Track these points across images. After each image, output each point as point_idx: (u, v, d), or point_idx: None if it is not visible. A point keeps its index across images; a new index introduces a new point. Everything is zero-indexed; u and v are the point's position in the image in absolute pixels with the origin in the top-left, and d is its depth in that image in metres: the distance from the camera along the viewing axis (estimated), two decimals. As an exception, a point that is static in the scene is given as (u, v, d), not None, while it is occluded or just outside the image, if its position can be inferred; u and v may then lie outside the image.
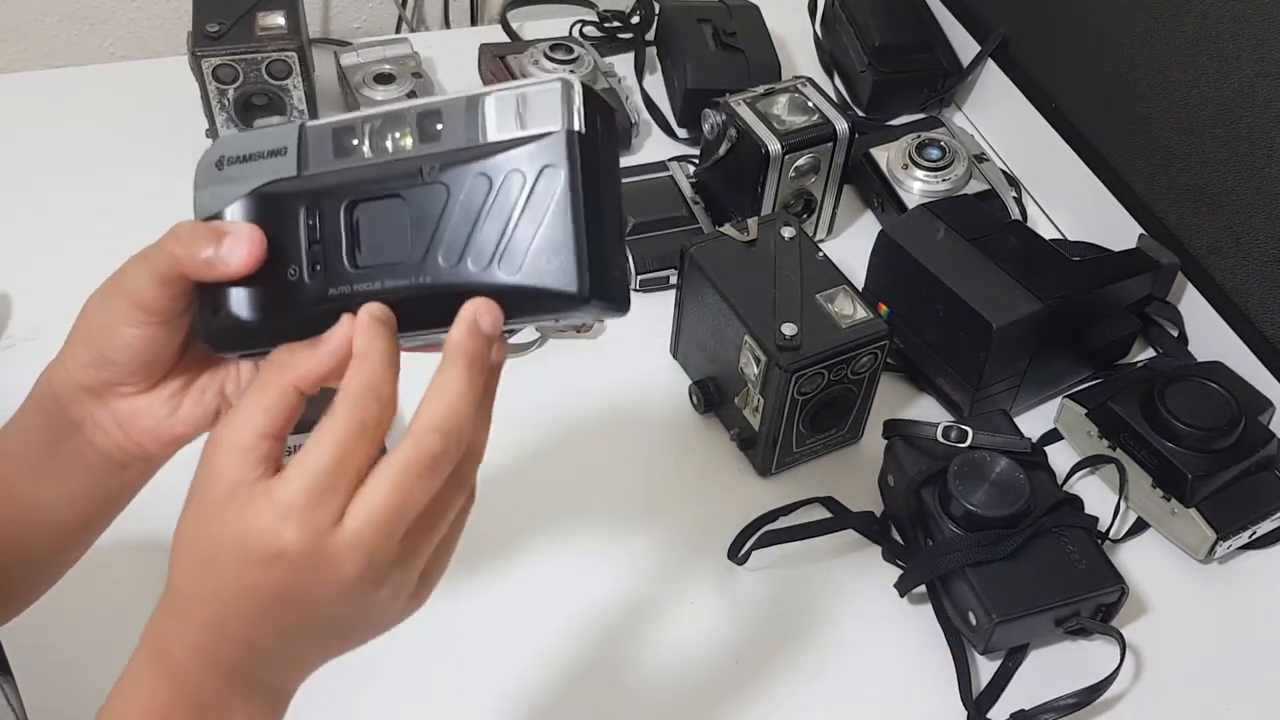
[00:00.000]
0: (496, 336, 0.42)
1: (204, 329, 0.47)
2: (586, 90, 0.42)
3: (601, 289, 0.42)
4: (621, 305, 0.43)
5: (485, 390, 0.43)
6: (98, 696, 0.46)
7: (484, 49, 1.15)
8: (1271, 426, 0.86)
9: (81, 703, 0.69)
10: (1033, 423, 0.90)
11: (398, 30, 1.33)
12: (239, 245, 0.44)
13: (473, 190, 0.42)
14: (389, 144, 0.44)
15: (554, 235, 0.41)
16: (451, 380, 0.41)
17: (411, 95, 1.08)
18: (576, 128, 0.41)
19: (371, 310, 0.42)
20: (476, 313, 0.41)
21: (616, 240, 0.43)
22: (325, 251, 0.45)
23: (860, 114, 1.17)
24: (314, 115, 1.03)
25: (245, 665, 0.44)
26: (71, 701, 0.69)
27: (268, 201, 0.45)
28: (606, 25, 1.23)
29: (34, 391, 0.52)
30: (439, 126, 0.44)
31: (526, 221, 0.42)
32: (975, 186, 1.03)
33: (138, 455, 0.51)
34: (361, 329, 0.42)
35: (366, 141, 0.44)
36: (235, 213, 0.46)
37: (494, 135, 0.43)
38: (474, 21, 1.34)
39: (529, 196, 0.42)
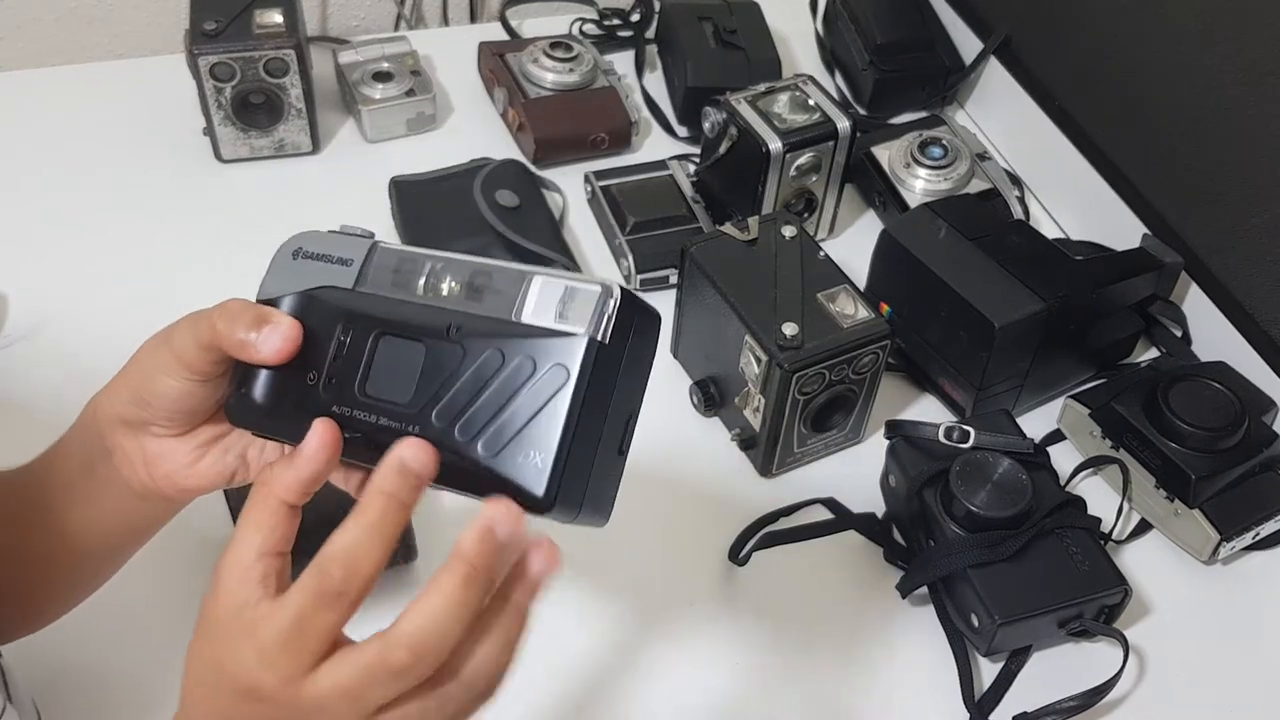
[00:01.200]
0: (512, 550, 0.41)
1: (227, 398, 0.50)
2: (627, 299, 0.43)
3: (569, 499, 0.43)
4: (597, 517, 0.45)
5: (503, 611, 0.42)
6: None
7: (483, 47, 1.15)
8: (1275, 427, 0.85)
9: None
10: (1035, 423, 0.90)
11: (396, 28, 1.32)
12: (275, 336, 0.47)
13: (486, 362, 0.44)
14: (440, 288, 0.46)
15: (540, 433, 0.42)
16: (442, 589, 0.40)
17: (410, 94, 1.07)
18: (599, 337, 0.43)
19: (378, 483, 0.42)
20: (493, 521, 0.41)
21: (613, 454, 0.45)
22: (343, 369, 0.47)
23: (862, 112, 1.16)
24: (311, 115, 1.03)
25: None
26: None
27: (316, 304, 0.48)
28: (606, 23, 1.22)
29: (82, 413, 0.55)
30: (486, 289, 0.45)
31: (522, 410, 0.43)
32: (977, 185, 1.03)
33: (155, 494, 0.53)
34: (364, 498, 0.42)
35: (422, 280, 0.47)
36: (288, 305, 0.49)
37: (526, 317, 0.44)
38: (473, 19, 1.34)
39: (533, 387, 0.43)
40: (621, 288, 0.43)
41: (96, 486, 0.54)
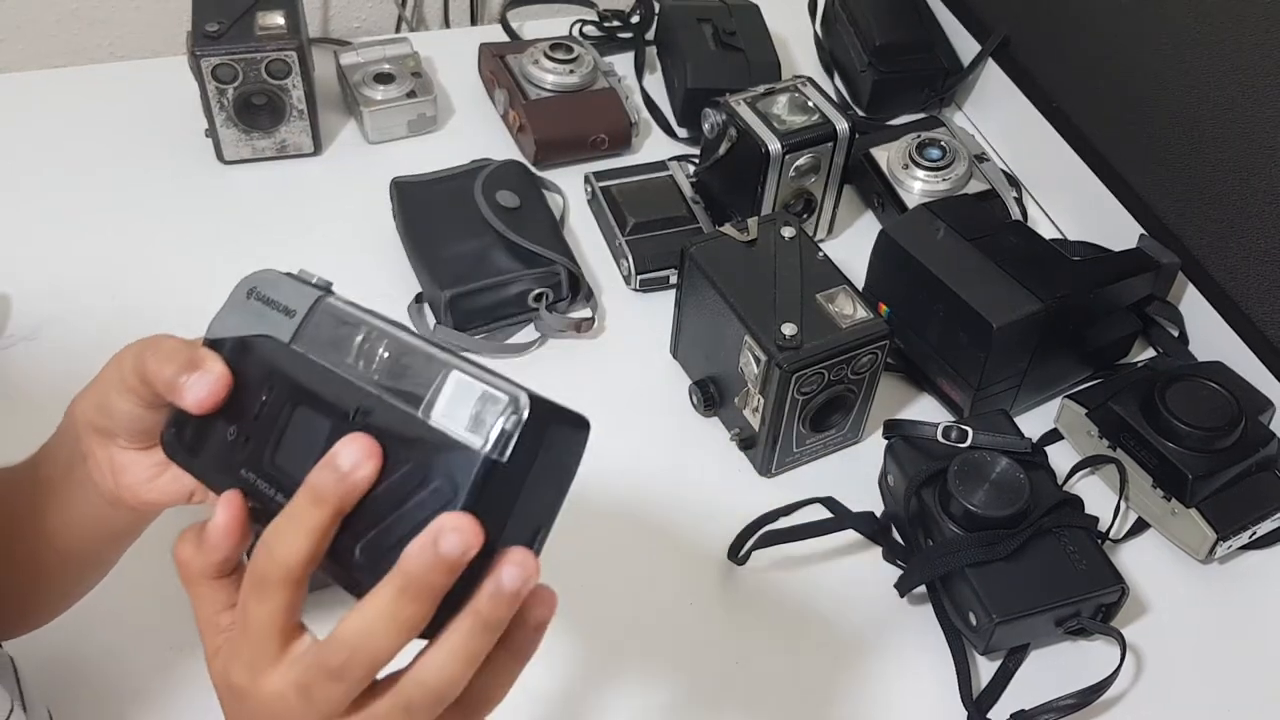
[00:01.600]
0: (457, 565, 0.38)
1: (163, 429, 0.50)
2: (539, 413, 0.39)
3: (435, 624, 0.40)
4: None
5: (461, 624, 0.40)
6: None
7: (484, 49, 1.15)
8: (1272, 426, 0.86)
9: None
10: (1033, 423, 0.90)
11: (397, 30, 1.32)
12: (201, 385, 0.46)
13: (388, 453, 0.41)
14: (372, 358, 0.43)
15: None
16: (376, 597, 0.39)
17: (411, 95, 1.08)
18: (496, 455, 0.39)
19: (311, 476, 0.41)
20: (439, 532, 0.38)
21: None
22: (258, 431, 0.45)
23: (860, 114, 1.17)
24: (313, 116, 1.04)
25: None
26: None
27: (252, 354, 0.47)
28: (606, 25, 1.23)
29: (65, 414, 0.55)
30: (406, 373, 0.42)
31: (402, 523, 0.40)
32: (975, 186, 1.03)
33: (120, 502, 0.54)
34: (300, 492, 0.41)
35: (354, 346, 0.44)
36: (227, 348, 0.48)
37: (434, 418, 0.40)
38: (474, 21, 1.34)
39: (418, 500, 0.40)
40: (533, 398, 0.39)
41: (74, 489, 0.55)
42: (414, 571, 0.38)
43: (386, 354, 0.43)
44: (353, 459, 0.40)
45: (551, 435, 0.40)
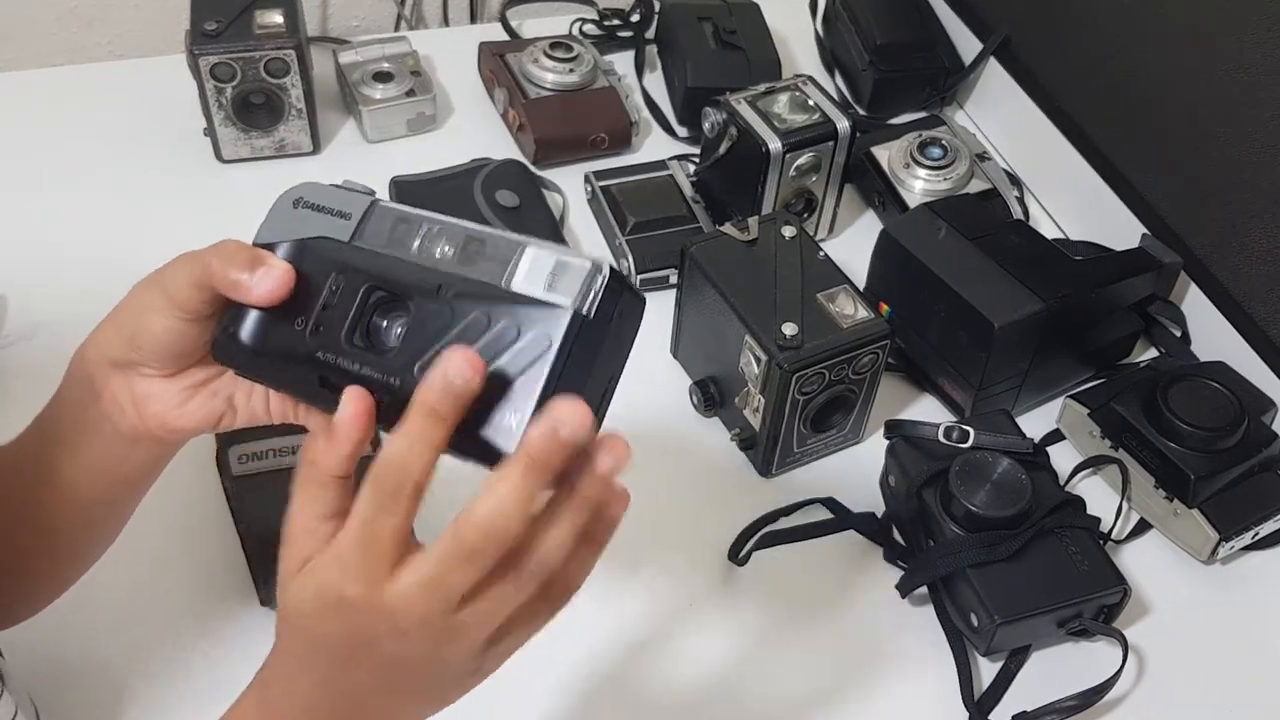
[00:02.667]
0: (575, 447, 0.43)
1: (214, 336, 0.51)
2: (615, 278, 0.44)
3: None
4: None
5: (569, 502, 0.44)
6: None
7: (483, 47, 1.15)
8: (1274, 427, 0.85)
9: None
10: (1035, 423, 0.90)
11: (396, 28, 1.32)
12: (268, 279, 0.48)
13: (473, 323, 0.45)
14: (434, 250, 0.47)
15: (518, 396, 0.43)
16: (505, 478, 0.42)
17: (410, 94, 1.07)
18: (584, 311, 0.44)
19: (422, 396, 0.43)
20: (559, 419, 0.42)
21: None
22: (331, 318, 0.48)
23: (861, 113, 1.16)
24: (312, 115, 1.03)
25: (325, 708, 0.47)
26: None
27: (311, 253, 0.49)
28: (606, 23, 1.23)
29: (69, 367, 0.56)
30: (479, 255, 0.46)
31: (502, 372, 0.44)
32: (977, 185, 1.03)
33: (145, 435, 0.54)
34: (408, 412, 0.43)
35: (417, 241, 0.47)
36: (283, 251, 0.50)
37: (516, 285, 0.45)
38: (473, 19, 1.34)
39: (515, 352, 0.44)
40: (611, 267, 0.44)
41: (88, 436, 0.55)
42: (539, 454, 0.42)
43: (450, 246, 0.47)
44: (462, 374, 0.42)
45: (622, 302, 0.45)
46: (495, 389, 0.43)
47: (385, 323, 0.48)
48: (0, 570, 0.58)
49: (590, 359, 0.45)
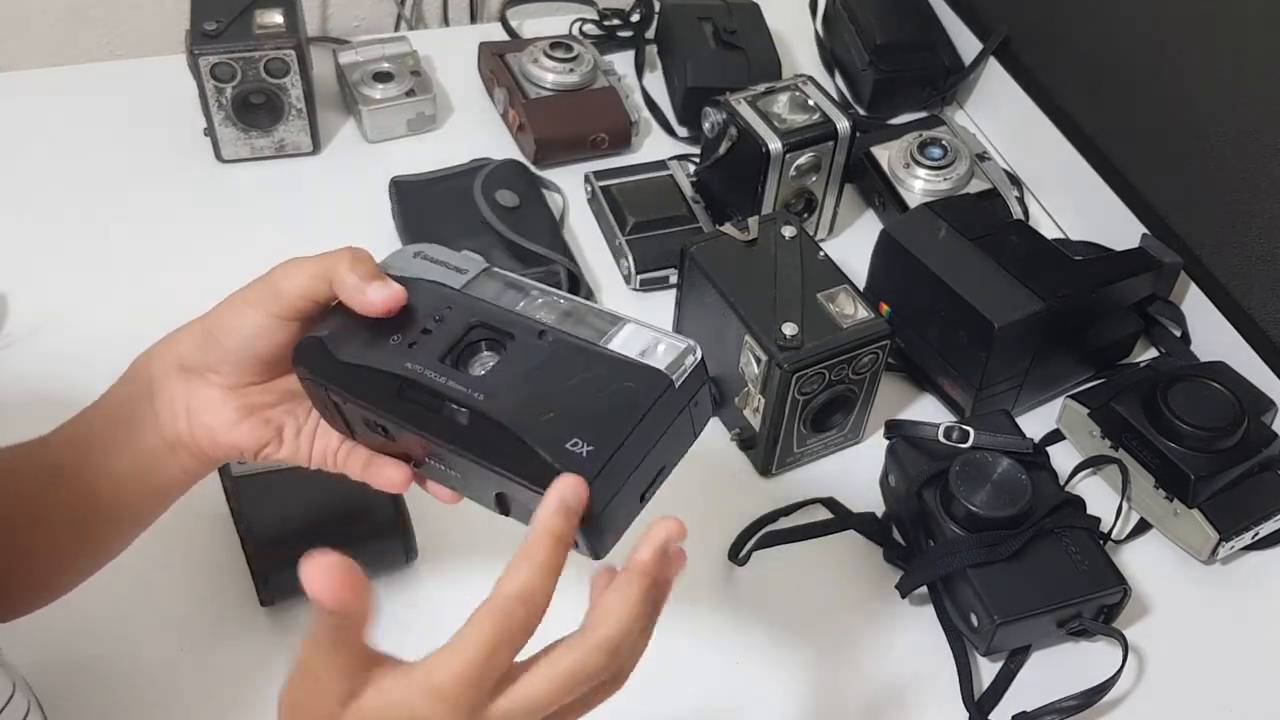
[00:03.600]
0: (673, 559, 0.46)
1: (301, 338, 0.53)
2: (703, 366, 0.48)
3: (599, 500, 0.45)
4: (598, 542, 0.48)
5: (650, 598, 0.46)
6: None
7: (483, 47, 1.15)
8: (1274, 427, 0.85)
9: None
10: (1035, 423, 0.90)
11: (396, 28, 1.32)
12: (385, 290, 0.51)
13: (568, 362, 0.48)
14: (538, 312, 0.51)
15: (598, 431, 0.45)
16: (630, 599, 0.44)
17: (410, 94, 1.07)
18: (674, 379, 0.47)
19: (546, 523, 0.44)
20: (668, 537, 0.45)
21: (637, 493, 0.48)
22: (430, 340, 0.51)
23: (861, 112, 1.16)
24: (312, 115, 1.03)
25: None
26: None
27: (424, 290, 0.53)
28: (606, 23, 1.23)
29: (131, 367, 0.57)
30: (581, 321, 0.50)
31: (588, 410, 0.46)
32: (977, 185, 1.03)
33: (188, 446, 0.56)
34: (533, 538, 0.44)
35: (523, 301, 0.51)
36: (400, 279, 0.53)
37: (614, 346, 0.48)
38: (473, 19, 1.34)
39: (604, 394, 0.46)
40: (702, 359, 0.47)
41: (130, 438, 0.56)
42: (655, 573, 0.45)
43: (555, 311, 0.50)
44: (577, 493, 0.44)
45: (701, 394, 0.48)
46: (578, 420, 0.46)
47: (480, 356, 0.50)
48: (9, 564, 0.58)
49: (662, 430, 0.47)
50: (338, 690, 0.43)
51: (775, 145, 0.93)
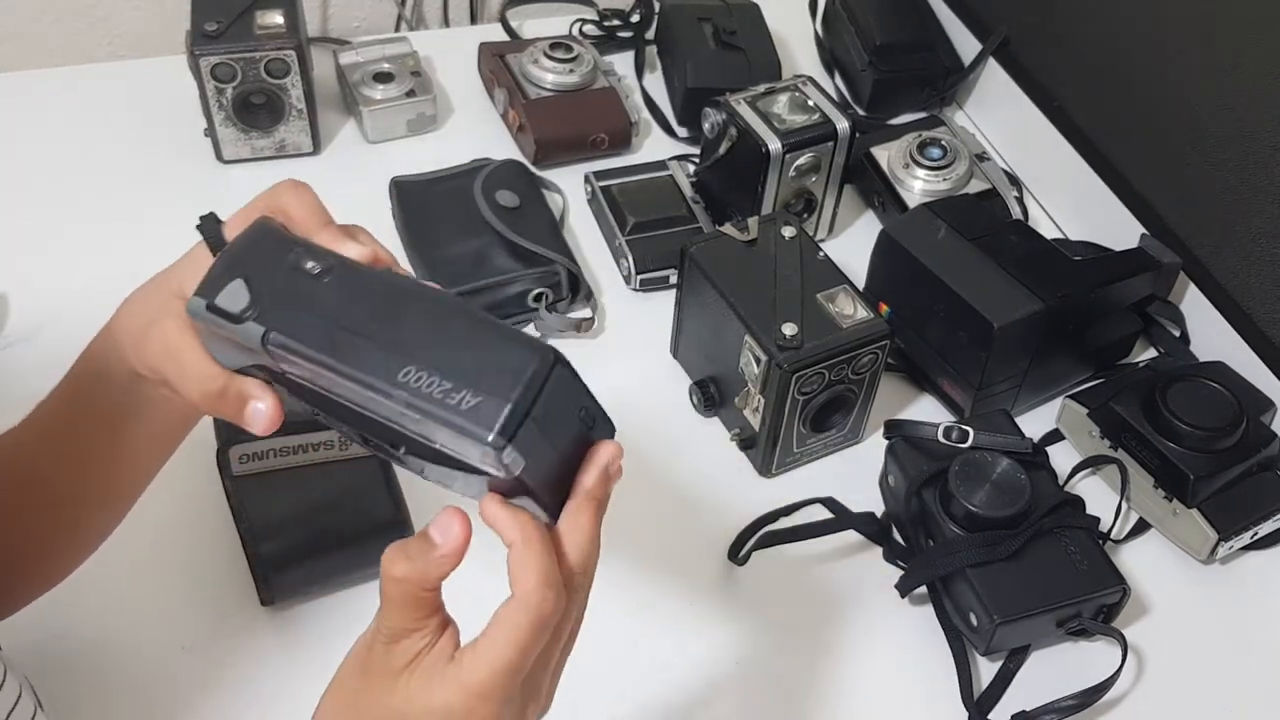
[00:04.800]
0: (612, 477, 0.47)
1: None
2: (523, 401, 0.43)
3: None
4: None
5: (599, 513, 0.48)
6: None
7: (483, 48, 1.15)
8: (1273, 427, 0.85)
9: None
10: (1034, 423, 0.90)
11: (397, 29, 1.32)
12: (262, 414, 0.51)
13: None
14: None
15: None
16: (589, 524, 0.46)
17: (410, 94, 1.07)
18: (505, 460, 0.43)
19: (600, 488, 0.46)
20: (610, 461, 0.46)
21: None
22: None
23: (861, 113, 1.16)
24: (312, 115, 1.03)
25: None
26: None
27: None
28: (606, 24, 1.23)
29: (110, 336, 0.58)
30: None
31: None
32: (976, 186, 1.03)
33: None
34: (507, 522, 0.45)
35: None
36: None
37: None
38: (473, 20, 1.34)
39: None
40: (512, 404, 0.42)
41: (137, 410, 0.57)
42: (600, 496, 0.46)
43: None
44: (619, 463, 0.47)
45: (550, 386, 0.44)
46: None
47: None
48: (14, 553, 0.59)
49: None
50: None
51: (775, 145, 0.93)
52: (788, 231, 0.85)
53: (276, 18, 0.99)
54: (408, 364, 0.43)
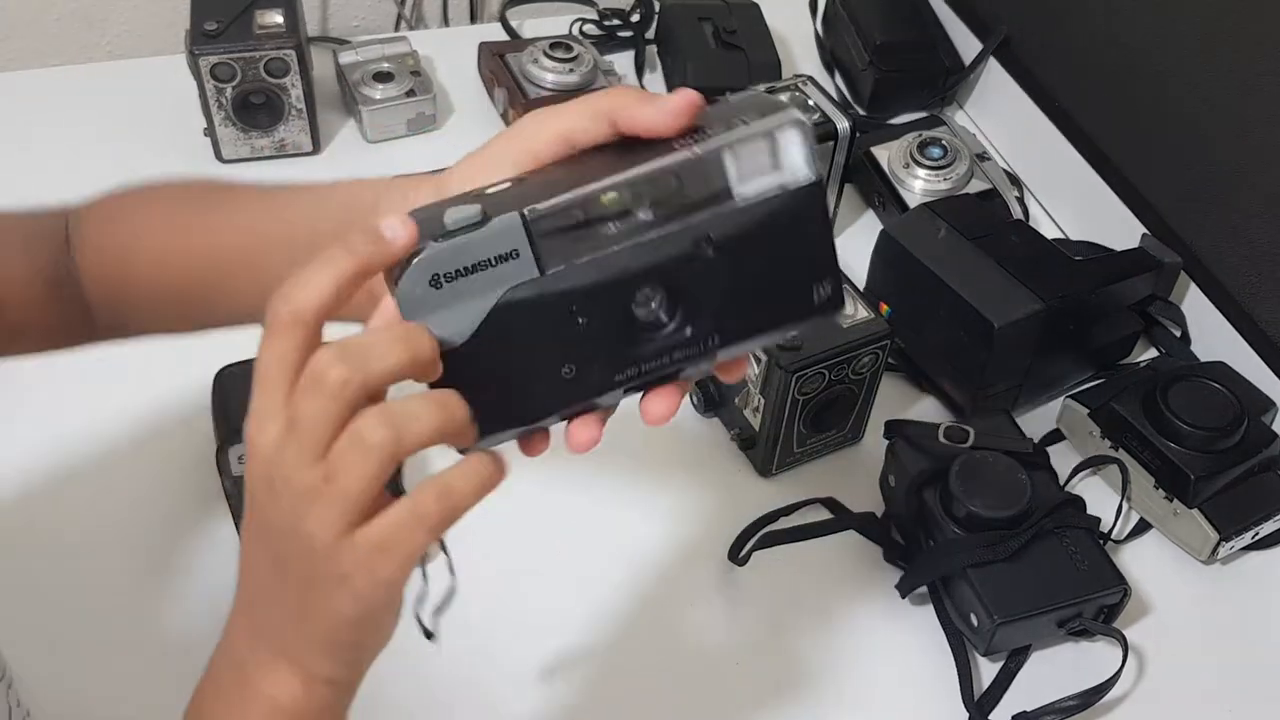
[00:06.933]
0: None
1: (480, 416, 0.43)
2: (809, 129, 0.43)
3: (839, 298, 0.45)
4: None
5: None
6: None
7: (483, 47, 1.15)
8: (1274, 427, 0.85)
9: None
10: (1034, 423, 0.90)
11: (396, 28, 1.32)
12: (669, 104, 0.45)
13: (740, 250, 0.43)
14: (635, 221, 0.42)
15: (816, 261, 0.44)
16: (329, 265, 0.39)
17: (410, 94, 1.07)
18: (811, 175, 0.42)
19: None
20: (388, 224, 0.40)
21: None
22: (598, 349, 0.43)
23: (861, 112, 1.16)
24: (312, 115, 1.03)
25: (259, 628, 0.45)
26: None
27: (511, 320, 0.41)
28: (606, 24, 1.23)
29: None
30: (679, 190, 0.42)
31: (787, 259, 0.44)
32: (977, 185, 1.03)
33: None
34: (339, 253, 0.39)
35: (608, 227, 0.41)
36: (479, 328, 0.41)
37: (746, 193, 0.42)
38: (473, 19, 1.34)
39: (788, 238, 0.43)
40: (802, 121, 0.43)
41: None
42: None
43: (641, 203, 0.42)
44: (393, 230, 0.39)
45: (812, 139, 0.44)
46: (793, 279, 0.44)
47: (645, 310, 0.43)
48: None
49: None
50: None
51: (775, 145, 0.93)
52: (788, 231, 0.85)
53: (276, 17, 0.99)
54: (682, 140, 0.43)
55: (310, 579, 0.41)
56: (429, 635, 0.53)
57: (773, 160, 0.42)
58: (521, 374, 0.43)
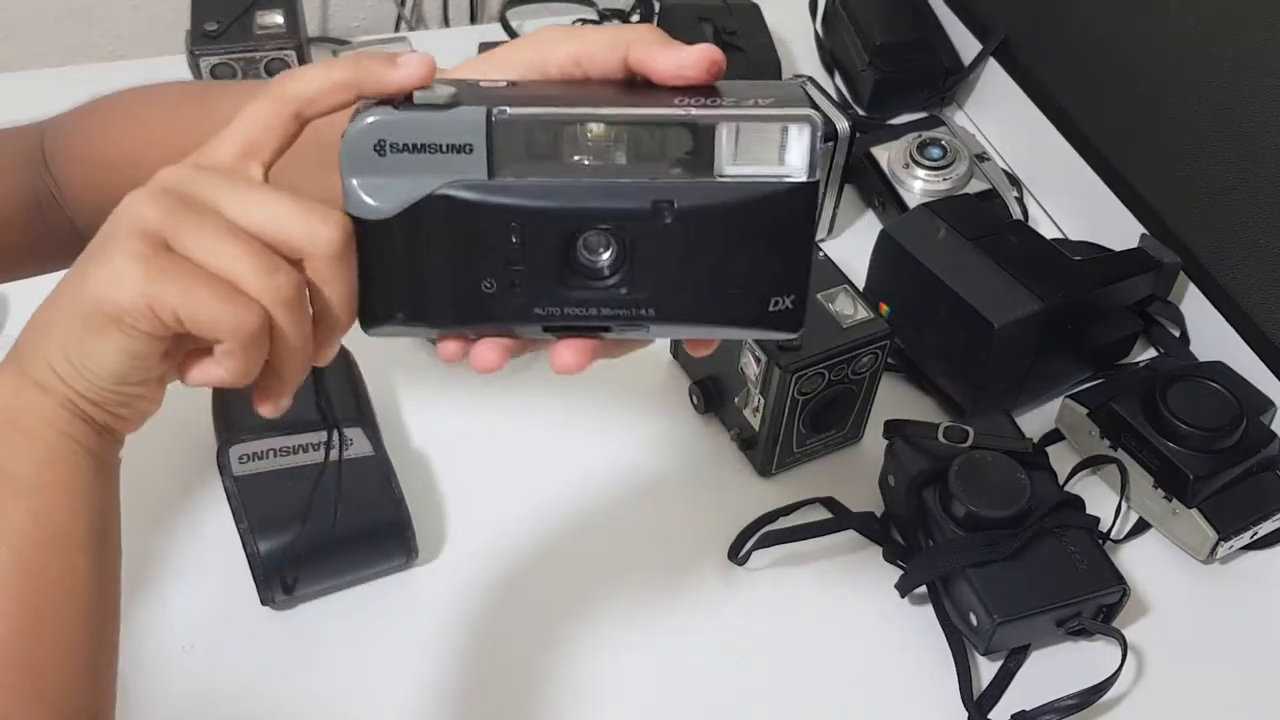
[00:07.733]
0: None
1: (362, 302, 0.42)
2: (819, 131, 0.42)
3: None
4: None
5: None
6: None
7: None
8: (1273, 427, 0.85)
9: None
10: (1034, 423, 0.90)
11: (396, 29, 1.32)
12: (415, 62, 0.41)
13: (702, 228, 0.41)
14: (605, 157, 0.40)
15: (785, 275, 0.42)
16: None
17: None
18: (811, 173, 0.41)
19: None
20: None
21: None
22: (529, 273, 0.41)
23: (861, 113, 1.16)
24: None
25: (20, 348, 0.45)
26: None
27: (458, 206, 0.40)
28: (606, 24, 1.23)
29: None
30: (660, 145, 0.40)
31: (757, 261, 0.41)
32: (976, 186, 1.03)
33: None
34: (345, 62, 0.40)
35: (575, 154, 0.40)
36: (412, 218, 0.40)
37: (728, 169, 0.40)
38: (473, 20, 1.34)
39: (765, 237, 0.41)
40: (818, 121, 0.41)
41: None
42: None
43: (619, 144, 0.40)
44: (406, 61, 0.40)
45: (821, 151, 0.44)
46: (760, 277, 0.42)
47: (587, 256, 0.41)
48: None
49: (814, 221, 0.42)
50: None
51: (775, 145, 0.93)
52: (788, 231, 0.85)
53: (276, 18, 0.99)
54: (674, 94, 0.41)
55: (90, 253, 0.42)
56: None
57: (773, 150, 0.41)
58: (438, 272, 0.41)
